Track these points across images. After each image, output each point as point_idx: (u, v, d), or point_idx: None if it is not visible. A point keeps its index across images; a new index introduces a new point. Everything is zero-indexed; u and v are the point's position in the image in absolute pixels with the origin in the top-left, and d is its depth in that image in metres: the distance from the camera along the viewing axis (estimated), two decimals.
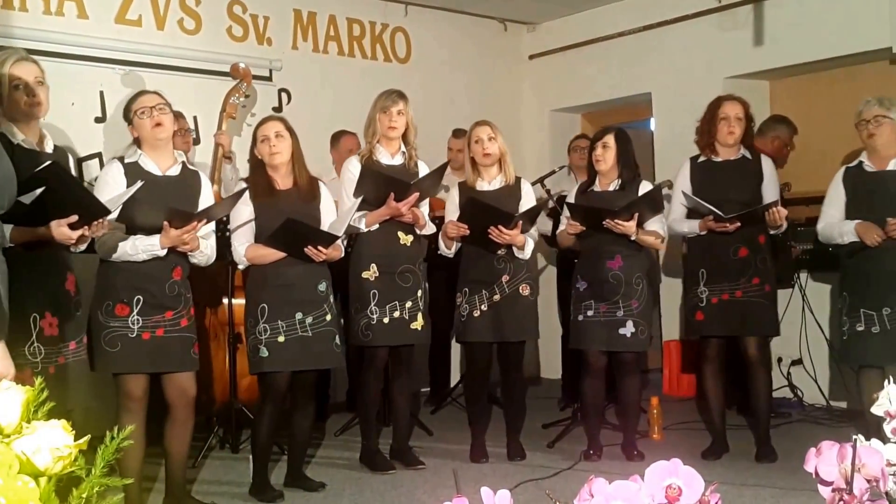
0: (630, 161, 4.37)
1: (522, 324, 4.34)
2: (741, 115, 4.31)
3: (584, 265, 4.37)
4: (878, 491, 1.62)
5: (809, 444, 4.96)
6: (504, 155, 4.36)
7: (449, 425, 5.22)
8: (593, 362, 4.36)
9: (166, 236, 3.39)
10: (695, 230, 4.36)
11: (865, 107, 4.07)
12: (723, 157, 4.38)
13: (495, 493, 1.36)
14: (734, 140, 4.33)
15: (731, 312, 4.29)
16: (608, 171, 4.35)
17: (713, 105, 4.42)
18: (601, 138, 4.35)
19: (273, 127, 3.88)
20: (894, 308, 3.94)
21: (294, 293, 3.82)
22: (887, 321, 3.95)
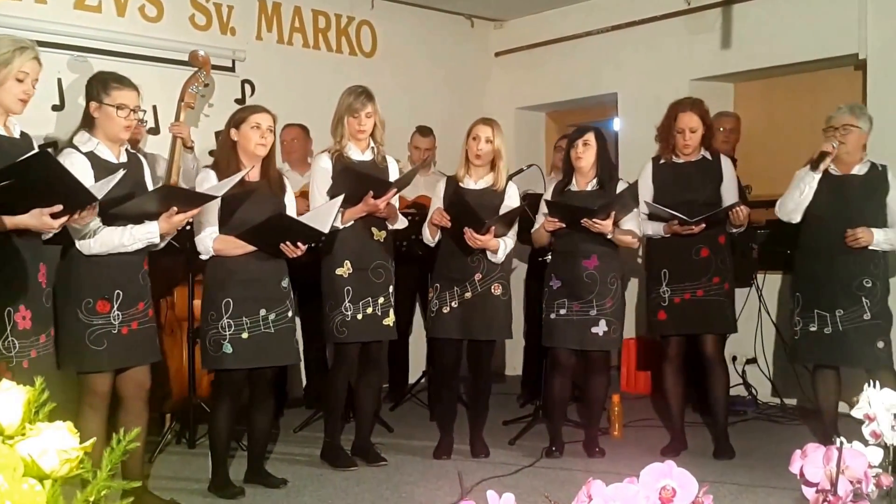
0: (608, 161, 4.40)
1: (493, 323, 4.33)
2: (696, 126, 4.37)
3: (559, 264, 4.38)
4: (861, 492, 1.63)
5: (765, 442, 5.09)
6: (499, 158, 4.33)
7: (409, 422, 5.22)
8: (563, 360, 4.38)
9: (169, 222, 3.34)
10: (659, 232, 4.41)
11: (837, 114, 4.15)
12: (683, 159, 4.44)
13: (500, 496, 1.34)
14: (690, 151, 4.40)
15: (692, 311, 4.35)
16: (587, 170, 4.36)
17: (670, 113, 4.47)
18: (581, 137, 4.35)
19: (268, 120, 3.82)
20: (847, 310, 4.06)
21: (259, 289, 3.77)
22: (840, 323, 4.05)
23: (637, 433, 4.95)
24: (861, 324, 4.05)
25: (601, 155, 4.33)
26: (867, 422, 1.91)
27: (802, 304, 4.16)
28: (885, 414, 1.89)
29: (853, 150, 4.11)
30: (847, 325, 4.06)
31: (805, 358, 4.22)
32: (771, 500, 3.62)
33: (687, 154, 4.42)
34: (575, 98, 6.78)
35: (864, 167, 4.13)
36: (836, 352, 4.08)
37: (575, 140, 4.36)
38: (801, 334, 4.15)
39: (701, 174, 4.41)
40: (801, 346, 4.17)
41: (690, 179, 4.39)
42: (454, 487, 3.82)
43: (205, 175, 3.79)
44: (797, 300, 4.19)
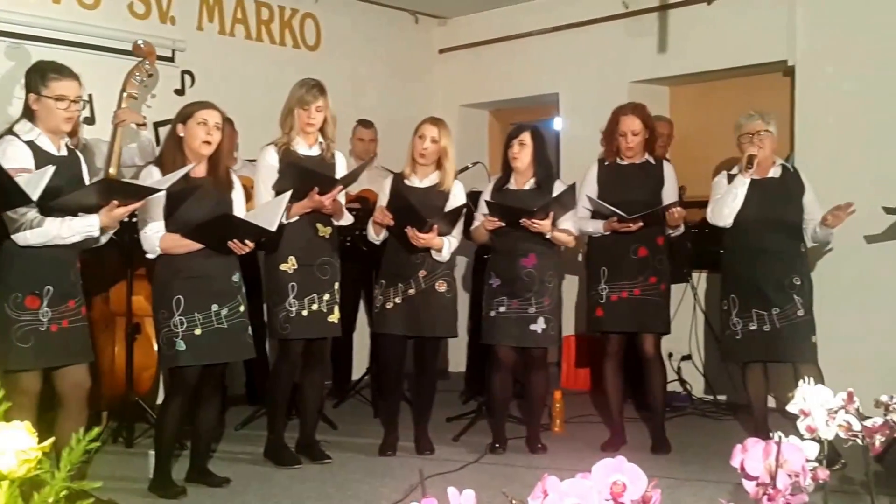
0: (546, 160, 4.47)
1: (437, 320, 4.37)
2: (638, 129, 4.48)
3: (498, 262, 4.44)
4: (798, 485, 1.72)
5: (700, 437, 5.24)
6: (445, 158, 4.36)
7: (353, 419, 5.23)
8: (503, 357, 4.44)
9: (109, 215, 3.29)
10: (599, 230, 4.51)
11: (748, 121, 4.29)
12: (627, 161, 4.55)
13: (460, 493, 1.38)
14: (633, 153, 4.52)
15: (628, 310, 4.46)
16: (525, 170, 4.43)
17: (613, 118, 4.59)
18: (517, 136, 4.42)
19: (215, 116, 3.77)
20: (782, 308, 4.19)
21: (210, 284, 3.74)
22: (776, 320, 4.18)
23: (578, 429, 5.03)
24: (796, 320, 4.19)
25: (538, 154, 4.40)
26: (802, 417, 2.01)
27: (739, 305, 4.26)
28: (820, 410, 2.00)
29: (768, 155, 4.27)
30: (783, 323, 4.19)
31: (747, 356, 4.29)
32: (706, 493, 3.73)
33: (630, 157, 4.53)
34: (518, 97, 6.86)
35: (778, 170, 4.29)
36: (775, 349, 4.21)
37: (511, 140, 4.42)
38: (742, 334, 4.25)
39: (643, 177, 4.53)
40: (742, 346, 4.26)
41: (632, 181, 4.50)
42: (399, 484, 3.85)
43: (147, 172, 3.74)
44: (733, 302, 4.28)
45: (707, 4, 5.78)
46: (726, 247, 4.36)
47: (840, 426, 2.00)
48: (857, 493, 3.13)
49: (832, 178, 4.81)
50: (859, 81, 5.15)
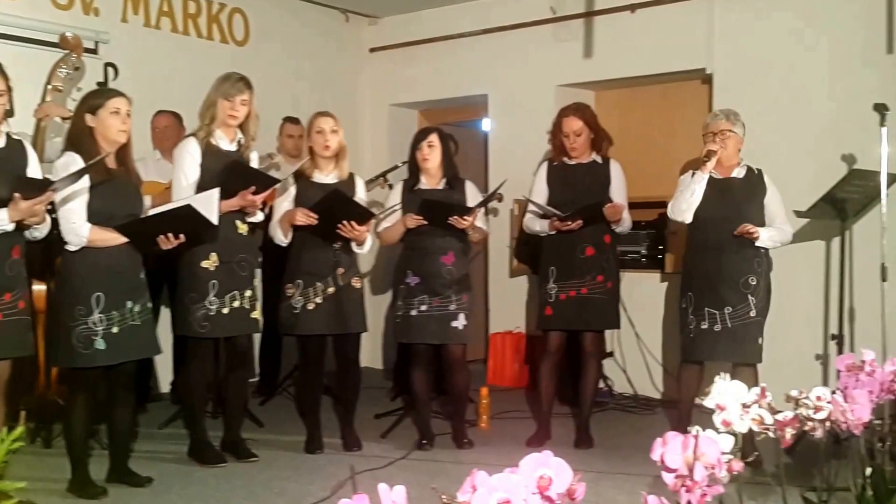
0: (452, 160, 4.55)
1: (357, 316, 4.40)
2: (579, 129, 4.55)
3: (416, 261, 4.47)
4: (715, 477, 1.79)
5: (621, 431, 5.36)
6: (342, 149, 4.40)
7: (280, 416, 5.19)
8: (424, 355, 4.50)
9: (16, 209, 3.21)
10: (545, 229, 4.59)
11: (713, 120, 4.31)
12: (574, 161, 4.63)
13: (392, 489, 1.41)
14: (577, 154, 4.59)
15: (576, 308, 4.54)
16: (435, 170, 4.50)
17: (556, 119, 4.66)
18: (425, 138, 4.49)
19: (126, 104, 3.70)
20: (735, 307, 4.18)
21: (124, 281, 3.68)
22: (728, 320, 4.19)
23: (504, 425, 5.08)
24: (747, 321, 4.18)
25: (446, 154, 4.48)
26: (718, 411, 2.10)
27: (695, 303, 4.24)
28: (735, 404, 2.08)
29: (732, 155, 4.26)
30: (735, 323, 4.17)
31: (700, 355, 4.26)
32: (626, 485, 3.82)
33: (576, 156, 4.61)
34: (447, 97, 6.89)
35: (742, 171, 4.31)
36: (726, 348, 4.19)
37: (419, 142, 4.48)
38: (695, 332, 4.23)
39: (590, 176, 4.60)
40: (696, 344, 4.23)
41: (580, 181, 4.58)
42: (327, 482, 3.85)
43: (70, 158, 3.59)
44: (689, 299, 4.26)
45: (631, 12, 5.89)
46: (688, 243, 4.37)
47: (753, 420, 2.09)
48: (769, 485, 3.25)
49: None
50: (773, 90, 5.33)
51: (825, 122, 5.18)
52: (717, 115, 4.32)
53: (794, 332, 5.16)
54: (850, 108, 5.00)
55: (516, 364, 6.30)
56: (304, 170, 4.38)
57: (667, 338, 5.78)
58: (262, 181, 4.08)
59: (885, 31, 4.96)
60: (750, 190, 4.27)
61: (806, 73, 5.26)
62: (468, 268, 4.55)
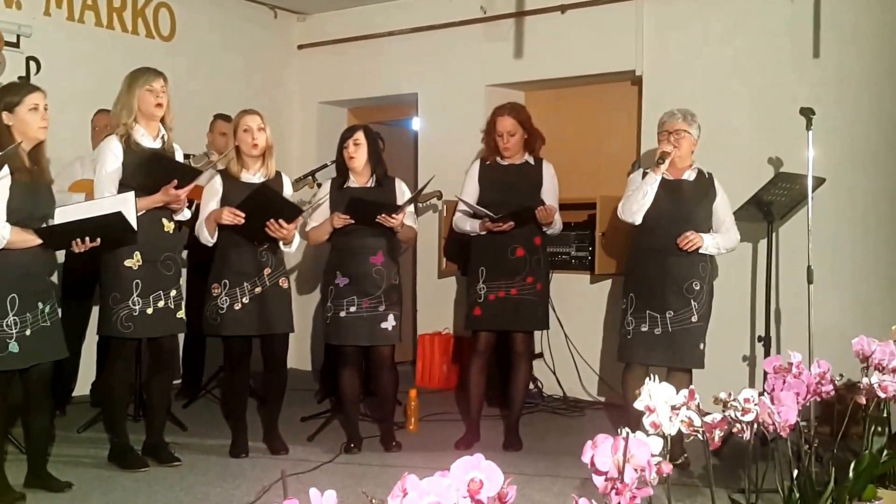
0: (380, 157, 4.51)
1: (284, 316, 4.35)
2: (513, 129, 4.54)
3: (345, 261, 4.42)
4: (644, 479, 1.78)
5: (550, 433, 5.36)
6: (270, 148, 4.34)
7: (203, 419, 5.09)
8: (353, 356, 4.45)
9: None
10: (476, 229, 4.57)
11: (669, 119, 4.26)
12: (507, 161, 4.62)
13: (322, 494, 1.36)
14: (510, 154, 4.59)
15: (505, 309, 4.52)
16: (362, 168, 4.45)
17: (490, 118, 4.65)
18: (351, 136, 4.44)
19: (44, 99, 3.60)
20: (677, 312, 4.15)
21: (36, 282, 3.60)
22: (670, 324, 4.15)
23: (432, 427, 5.06)
24: (689, 326, 4.15)
25: (373, 152, 4.45)
26: (648, 413, 2.09)
27: (635, 305, 4.20)
28: (664, 406, 2.08)
29: (685, 156, 4.22)
30: (676, 327, 4.14)
31: (636, 357, 4.21)
32: (555, 488, 3.82)
33: (509, 157, 4.59)
34: (377, 96, 6.85)
35: (693, 173, 4.29)
36: (665, 353, 4.15)
37: (346, 140, 4.45)
38: (633, 334, 4.19)
39: (522, 177, 4.59)
40: (633, 346, 4.19)
41: (512, 181, 4.57)
42: (252, 486, 3.77)
43: None
44: (630, 301, 4.22)
45: (561, 13, 5.92)
46: (634, 244, 4.34)
47: (682, 422, 2.09)
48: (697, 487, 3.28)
49: None
50: (702, 93, 5.40)
51: (753, 126, 5.28)
52: (674, 113, 4.26)
53: (721, 334, 5.20)
54: (778, 112, 5.09)
55: (445, 365, 6.28)
56: (230, 169, 4.31)
57: (597, 339, 5.82)
58: (184, 173, 3.98)
59: (811, 37, 5.06)
60: (700, 193, 4.25)
61: (734, 77, 5.35)
62: (397, 267, 4.52)
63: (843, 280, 5.00)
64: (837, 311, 4.89)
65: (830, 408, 3.64)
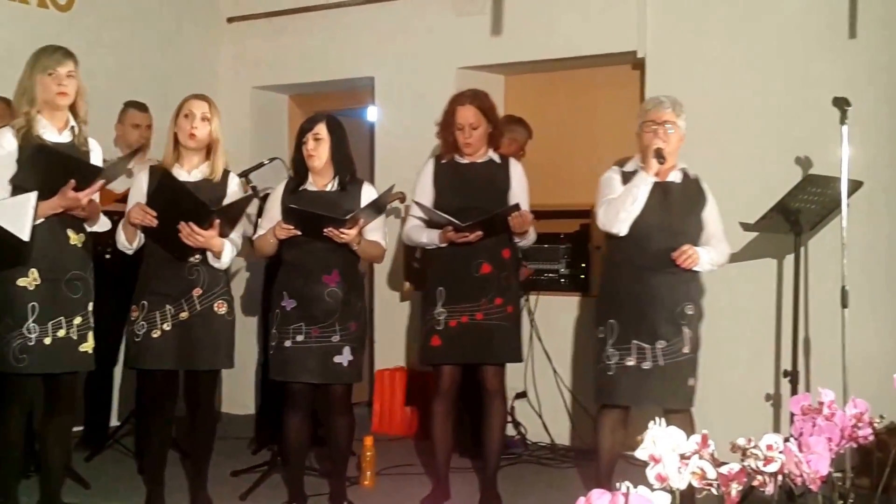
0: (346, 155, 4.49)
1: (217, 349, 4.31)
2: (476, 121, 4.57)
3: (293, 280, 4.41)
4: None
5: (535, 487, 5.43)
6: (216, 144, 4.33)
7: (111, 475, 5.09)
8: (302, 397, 4.43)
9: None
10: (435, 241, 4.58)
11: (656, 107, 4.24)
12: (468, 159, 4.65)
13: None
14: (472, 150, 4.62)
15: (470, 337, 4.53)
16: (323, 168, 4.44)
17: (448, 108, 4.66)
18: (311, 129, 4.42)
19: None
20: (670, 341, 4.14)
21: None
22: (661, 356, 4.14)
23: (393, 482, 5.07)
24: (680, 358, 4.15)
25: (337, 149, 4.44)
26: (652, 464, 2.12)
27: (619, 334, 4.17)
28: (672, 455, 2.11)
29: (673, 153, 4.21)
30: (668, 360, 4.13)
31: (621, 397, 4.19)
32: None
33: (470, 154, 4.63)
34: (325, 80, 6.85)
35: (679, 175, 4.29)
36: (653, 391, 4.14)
37: (305, 134, 4.44)
38: (617, 370, 4.15)
39: (486, 178, 4.62)
40: (618, 384, 4.16)
41: (475, 183, 4.59)
42: None
43: None
44: (611, 328, 4.19)
45: None
46: (610, 260, 4.35)
47: (693, 474, 2.12)
48: None
49: None
50: (716, 79, 5.47)
51: (777, 119, 5.32)
52: (661, 101, 4.26)
53: (740, 367, 5.30)
54: (806, 103, 5.15)
55: (407, 408, 6.29)
56: (164, 163, 4.31)
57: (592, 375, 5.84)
58: (82, 171, 3.95)
59: (846, 14, 5.12)
60: (690, 199, 4.27)
61: (755, 61, 5.40)
62: (360, 290, 4.49)
63: (883, 303, 5.06)
64: (877, 341, 4.95)
65: (869, 456, 3.69)
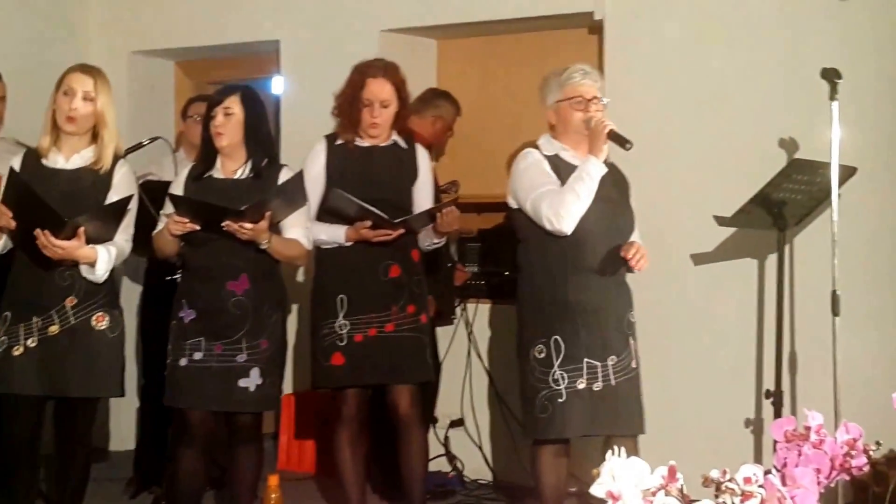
0: (265, 135, 4.55)
1: (93, 372, 4.31)
2: (390, 98, 4.64)
3: (193, 286, 4.45)
4: None
5: None
6: (103, 125, 4.33)
7: None
8: (199, 427, 4.44)
9: None
10: (338, 239, 4.61)
11: (583, 79, 4.33)
12: (370, 142, 4.72)
13: None
14: (378, 132, 4.68)
15: (379, 353, 4.59)
16: (234, 151, 4.47)
17: (355, 79, 4.71)
18: (221, 101, 4.44)
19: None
20: (621, 356, 4.27)
21: None
22: (612, 374, 4.25)
23: None
24: (630, 374, 4.28)
25: (252, 127, 4.46)
26: (610, 501, 2.18)
27: (565, 353, 4.21)
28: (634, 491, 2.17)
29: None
30: (620, 377, 4.24)
31: (572, 429, 4.24)
32: None
33: (374, 136, 4.69)
34: (218, 44, 6.84)
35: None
36: (607, 416, 4.22)
37: (213, 108, 4.46)
38: (567, 395, 4.19)
39: (392, 165, 4.70)
40: (568, 413, 4.20)
41: (378, 170, 4.66)
42: None
43: None
44: (555, 346, 4.24)
45: None
46: (540, 265, 4.38)
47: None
48: None
49: (649, 171, 5.08)
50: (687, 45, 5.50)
51: (757, 95, 5.36)
52: (586, 72, 4.38)
53: (714, 387, 5.33)
54: (792, 76, 5.21)
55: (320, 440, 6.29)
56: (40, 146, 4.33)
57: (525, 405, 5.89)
58: None
59: None
60: (620, 188, 4.39)
61: (731, 26, 5.45)
62: (276, 299, 4.53)
63: (881, 311, 5.13)
64: (872, 355, 5.00)
65: (864, 490, 3.78)
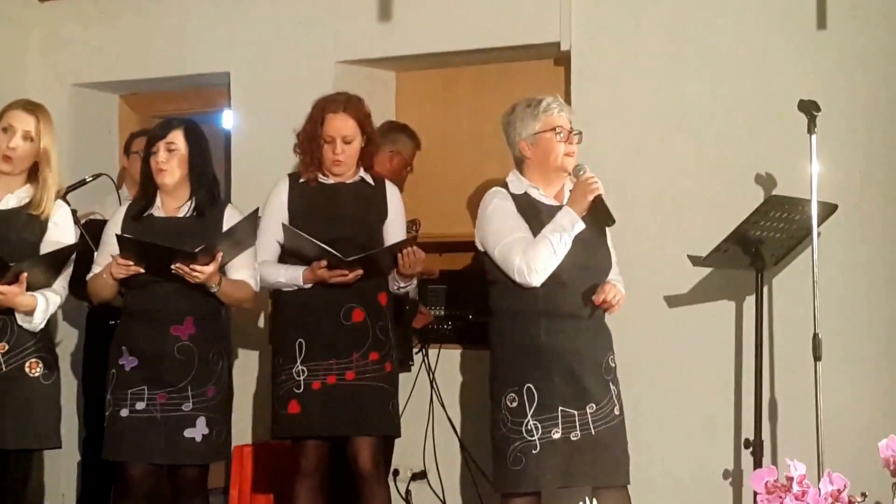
0: (208, 171, 4.58)
1: (26, 422, 4.31)
2: (351, 133, 4.66)
3: (133, 331, 4.44)
4: None
5: None
6: (46, 165, 4.36)
7: None
8: (140, 483, 4.40)
9: None
10: (296, 281, 4.60)
11: (560, 111, 4.37)
12: (334, 179, 4.72)
13: None
14: (342, 169, 4.70)
15: (339, 403, 4.57)
16: (176, 188, 4.46)
17: (315, 115, 4.73)
18: (164, 136, 4.46)
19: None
20: (601, 403, 4.27)
21: None
22: (592, 423, 4.25)
23: None
24: (613, 422, 4.28)
25: (196, 163, 4.51)
26: None
27: (538, 401, 4.23)
28: None
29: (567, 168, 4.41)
30: (599, 427, 4.25)
31: (550, 482, 4.24)
32: None
33: (339, 174, 4.68)
34: (166, 76, 6.84)
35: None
36: (585, 467, 4.23)
37: (155, 142, 4.48)
38: (542, 447, 4.19)
39: (359, 204, 4.70)
40: (543, 466, 4.20)
41: (343, 210, 4.66)
42: None
43: None
44: (527, 396, 4.24)
45: None
46: (512, 310, 4.38)
47: None
48: None
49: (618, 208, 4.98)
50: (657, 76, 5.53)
51: (732, 128, 5.37)
52: (562, 104, 4.43)
53: (691, 436, 5.33)
54: (768, 109, 5.23)
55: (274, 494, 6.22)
56: None
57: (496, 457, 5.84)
58: None
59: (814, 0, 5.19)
60: (596, 225, 4.38)
61: (705, 56, 5.46)
62: (223, 345, 4.58)
63: (864, 355, 5.13)
64: (856, 401, 5.02)
65: None
